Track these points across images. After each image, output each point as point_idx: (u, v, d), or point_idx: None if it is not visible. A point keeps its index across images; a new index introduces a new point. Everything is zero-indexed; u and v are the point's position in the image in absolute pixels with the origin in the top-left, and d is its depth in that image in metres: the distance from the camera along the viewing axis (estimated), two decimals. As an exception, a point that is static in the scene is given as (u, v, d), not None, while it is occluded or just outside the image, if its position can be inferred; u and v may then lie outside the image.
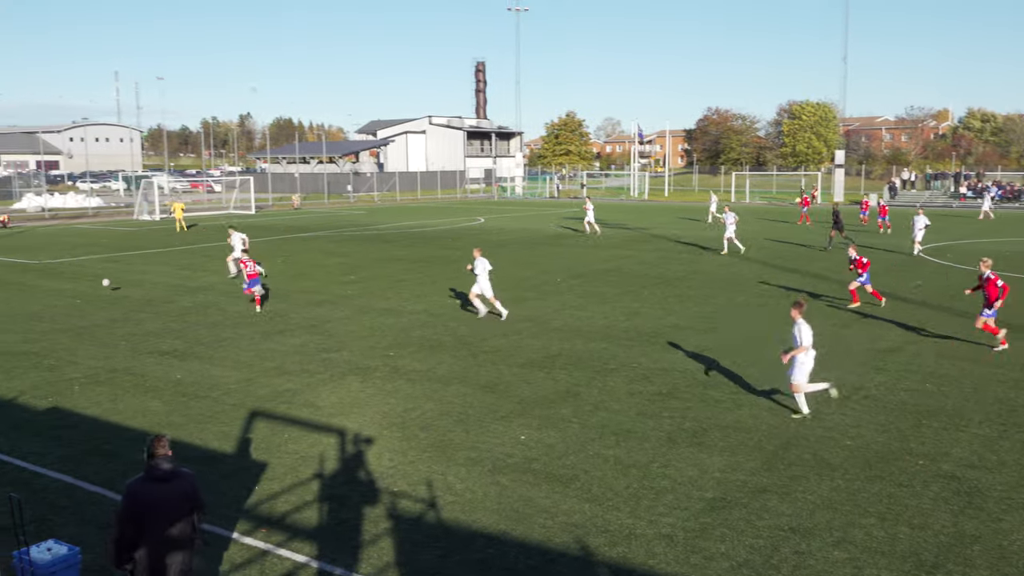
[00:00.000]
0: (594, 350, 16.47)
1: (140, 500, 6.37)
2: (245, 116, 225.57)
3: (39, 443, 11.53)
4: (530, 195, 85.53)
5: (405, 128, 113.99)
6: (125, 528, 6.36)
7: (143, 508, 6.35)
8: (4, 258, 32.37)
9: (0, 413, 12.86)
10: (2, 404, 13.33)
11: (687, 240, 37.72)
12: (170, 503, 6.43)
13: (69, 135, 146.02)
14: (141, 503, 6.36)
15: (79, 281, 25.96)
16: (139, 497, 6.38)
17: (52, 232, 44.12)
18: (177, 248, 35.58)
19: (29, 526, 8.14)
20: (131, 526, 6.34)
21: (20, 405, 13.28)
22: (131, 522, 6.34)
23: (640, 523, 8.93)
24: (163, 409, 12.99)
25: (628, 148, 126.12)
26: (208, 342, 17.41)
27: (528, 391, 13.78)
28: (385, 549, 8.48)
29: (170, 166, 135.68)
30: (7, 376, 14.90)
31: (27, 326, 19.19)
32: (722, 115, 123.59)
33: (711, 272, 27.37)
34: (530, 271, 27.73)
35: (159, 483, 6.44)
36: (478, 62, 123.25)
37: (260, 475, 10.37)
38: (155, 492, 6.40)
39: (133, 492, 6.41)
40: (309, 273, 27.45)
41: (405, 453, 11.07)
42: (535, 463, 10.66)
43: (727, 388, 13.85)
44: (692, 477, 10.13)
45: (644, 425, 12.04)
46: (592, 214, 40.79)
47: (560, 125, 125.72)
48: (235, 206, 61.05)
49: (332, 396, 13.60)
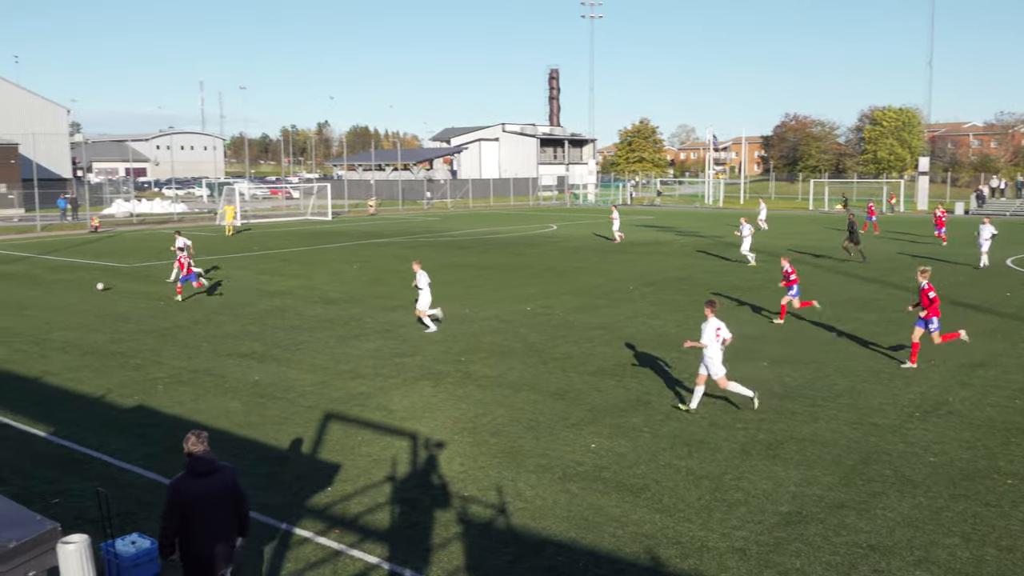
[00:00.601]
0: (666, 358, 16.29)
1: (185, 496, 6.61)
2: (323, 124, 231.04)
3: (125, 440, 11.96)
4: (603, 202, 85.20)
5: (479, 135, 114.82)
6: (170, 523, 6.63)
7: (188, 503, 6.60)
8: (95, 261, 33.73)
9: (89, 410, 13.40)
10: (91, 401, 13.88)
11: (761, 249, 37.03)
12: (213, 496, 6.69)
13: (156, 143, 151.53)
14: (186, 499, 6.61)
15: (164, 284, 26.86)
16: (184, 493, 6.62)
17: (139, 236, 45.80)
18: (256, 253, 36.52)
19: (115, 519, 8.44)
20: (176, 521, 6.60)
21: (108, 403, 13.80)
22: (176, 517, 6.60)
23: (712, 535, 8.79)
24: (242, 409, 13.34)
25: (703, 155, 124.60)
26: (285, 345, 17.81)
27: (599, 399, 13.71)
28: (455, 553, 8.53)
29: (251, 173, 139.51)
30: (96, 374, 15.51)
31: (115, 327, 19.95)
32: (800, 121, 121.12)
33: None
34: (602, 278, 27.61)
35: (202, 478, 6.69)
36: (552, 69, 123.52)
37: (334, 476, 10.55)
38: (199, 487, 6.65)
39: (178, 489, 6.65)
40: (384, 279, 27.85)
41: (475, 458, 11.12)
42: (605, 471, 10.59)
43: (803, 400, 13.54)
44: (766, 490, 9.92)
45: (716, 436, 11.85)
46: (618, 223, 40.94)
47: (633, 132, 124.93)
48: (312, 212, 62.37)
49: (404, 400, 13.77)
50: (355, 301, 23.27)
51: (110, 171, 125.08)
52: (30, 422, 12.74)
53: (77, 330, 19.56)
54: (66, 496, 10.01)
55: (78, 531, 5.40)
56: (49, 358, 16.81)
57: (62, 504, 9.74)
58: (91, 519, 9.08)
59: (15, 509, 3.88)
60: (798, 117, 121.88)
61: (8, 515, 3.81)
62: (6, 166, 61.47)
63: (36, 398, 14.04)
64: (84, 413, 13.22)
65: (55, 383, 14.98)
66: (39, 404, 13.68)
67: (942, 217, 38.84)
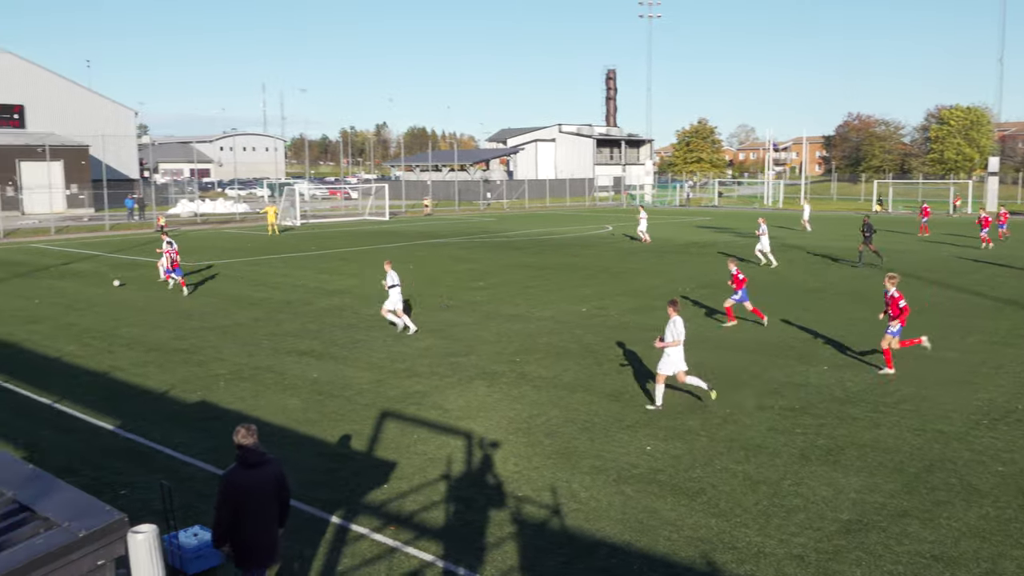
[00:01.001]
0: (723, 362, 16.10)
1: (237, 486, 6.81)
2: (381, 125, 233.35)
3: (187, 434, 12.26)
4: (659, 203, 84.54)
5: (535, 136, 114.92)
6: (224, 513, 6.83)
7: (240, 494, 6.79)
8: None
9: (154, 405, 13.77)
10: (156, 396, 14.26)
11: (818, 251, 36.36)
12: (263, 487, 6.88)
13: (220, 144, 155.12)
14: (239, 489, 6.80)
15: (226, 282, 27.47)
16: (237, 484, 6.82)
17: (203, 236, 46.88)
18: (315, 252, 37.10)
19: (178, 512, 8.65)
20: (230, 511, 6.80)
21: (171, 398, 14.16)
22: (230, 507, 6.80)
23: (770, 541, 8.66)
24: (300, 406, 13.56)
25: (762, 155, 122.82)
26: (343, 343, 18.06)
27: (654, 401, 13.60)
28: (509, 553, 8.56)
29: (310, 174, 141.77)
30: (160, 370, 15.93)
31: (179, 323, 20.46)
32: (864, 121, 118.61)
33: (843, 284, 26.28)
34: (658, 280, 27.40)
35: (252, 469, 6.88)
36: (609, 69, 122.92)
37: (389, 474, 10.67)
38: (250, 478, 6.85)
39: (231, 480, 6.85)
40: (439, 279, 28.04)
41: (530, 459, 11.13)
42: (661, 474, 10.51)
43: (865, 405, 13.25)
44: (826, 497, 9.74)
45: (775, 441, 11.67)
46: (645, 223, 41.02)
47: (691, 132, 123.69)
48: (370, 212, 63.12)
49: (460, 399, 13.85)
50: (411, 300, 23.46)
51: (175, 172, 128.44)
52: (99, 416, 13.14)
53: (142, 327, 20.12)
54: (132, 488, 10.30)
55: (142, 522, 5.56)
56: (116, 353, 17.32)
57: (128, 496, 10.02)
58: (155, 511, 9.32)
59: (85, 499, 4.01)
60: (861, 116, 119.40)
61: (78, 505, 3.94)
62: (77, 167, 63.48)
63: (104, 392, 14.48)
64: (149, 407, 13.59)
65: (122, 378, 15.42)
66: (107, 398, 14.10)
67: (988, 219, 37.79)
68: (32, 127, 65.25)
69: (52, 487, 4.18)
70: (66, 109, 67.29)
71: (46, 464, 10.59)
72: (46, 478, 4.30)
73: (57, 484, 4.22)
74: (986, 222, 37.23)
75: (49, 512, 3.91)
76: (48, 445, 11.85)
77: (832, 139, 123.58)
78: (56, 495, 4.08)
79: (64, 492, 4.12)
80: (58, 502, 3.99)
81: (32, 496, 4.09)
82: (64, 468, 10.76)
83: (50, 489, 4.16)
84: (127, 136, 72.39)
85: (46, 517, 3.89)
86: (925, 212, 44.63)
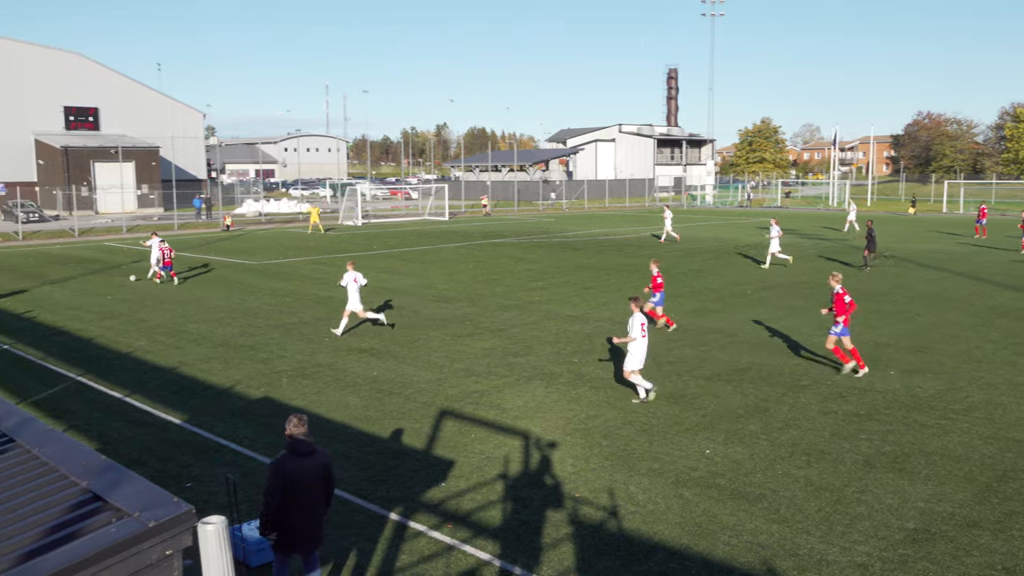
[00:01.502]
0: (785, 365, 15.83)
1: (285, 474, 7.01)
2: (442, 126, 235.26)
3: (252, 429, 12.53)
4: (720, 204, 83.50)
5: (595, 136, 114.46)
6: (274, 499, 7.01)
7: (288, 480, 6.99)
8: (228, 259, 35.44)
9: (220, 400, 14.10)
10: (222, 392, 14.60)
11: (889, 253, 35.46)
12: (310, 476, 7.07)
13: (284, 145, 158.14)
14: (287, 476, 7.00)
15: (290, 281, 27.98)
16: (284, 471, 7.01)
17: (267, 235, 47.82)
18: (376, 252, 37.55)
19: (242, 505, 8.85)
20: (278, 497, 7.00)
21: (237, 393, 14.48)
22: (278, 494, 6.99)
23: (832, 549, 8.48)
24: (360, 404, 13.74)
25: (827, 155, 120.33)
26: (403, 342, 18.24)
27: (714, 404, 13.45)
28: (565, 553, 8.55)
29: (372, 174, 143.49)
30: (226, 366, 16.30)
31: (245, 321, 20.91)
32: (934, 119, 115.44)
33: (916, 287, 25.58)
34: (720, 281, 27.06)
35: (302, 458, 7.07)
36: (670, 69, 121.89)
37: (447, 472, 10.74)
38: (298, 466, 7.04)
39: (280, 467, 7.05)
40: (498, 279, 28.13)
41: (587, 460, 11.10)
42: (720, 478, 10.38)
43: (934, 412, 12.89)
44: (892, 505, 9.50)
45: (838, 446, 11.43)
46: (671, 222, 41.09)
47: (754, 132, 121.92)
48: (430, 212, 63.63)
49: (517, 399, 13.87)
50: (470, 300, 23.61)
51: (241, 172, 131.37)
52: (167, 410, 13.51)
53: (209, 323, 20.61)
54: (197, 480, 10.56)
55: (207, 514, 5.72)
56: (184, 349, 17.78)
57: (193, 488, 10.28)
58: (218, 503, 9.56)
59: (154, 490, 4.13)
60: (931, 115, 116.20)
61: (148, 496, 4.06)
62: (148, 168, 65.36)
63: (172, 387, 14.88)
64: (215, 402, 13.93)
65: (189, 373, 15.83)
66: (175, 393, 14.49)
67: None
68: (106, 129, 67.40)
69: (124, 478, 4.31)
70: (138, 111, 69.37)
71: (117, 456, 10.94)
72: (118, 469, 4.43)
73: (128, 475, 4.35)
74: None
75: (121, 502, 4.04)
76: (119, 437, 12.23)
77: (900, 138, 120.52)
78: (127, 486, 4.21)
79: (135, 483, 4.24)
80: (129, 493, 4.12)
81: (105, 486, 4.23)
82: (134, 460, 11.10)
83: (121, 480, 4.29)
84: (195, 138, 74.23)
85: (118, 507, 4.02)
86: (983, 213, 43.32)
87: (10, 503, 4.20)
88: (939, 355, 16.55)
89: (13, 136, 62.81)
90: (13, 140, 62.84)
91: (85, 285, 27.59)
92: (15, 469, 4.62)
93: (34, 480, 4.46)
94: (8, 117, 62.51)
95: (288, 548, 7.21)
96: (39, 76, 64.14)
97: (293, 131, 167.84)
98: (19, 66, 63.36)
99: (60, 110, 65.44)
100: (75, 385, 15.10)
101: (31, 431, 5.10)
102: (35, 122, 64.20)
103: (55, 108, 65.18)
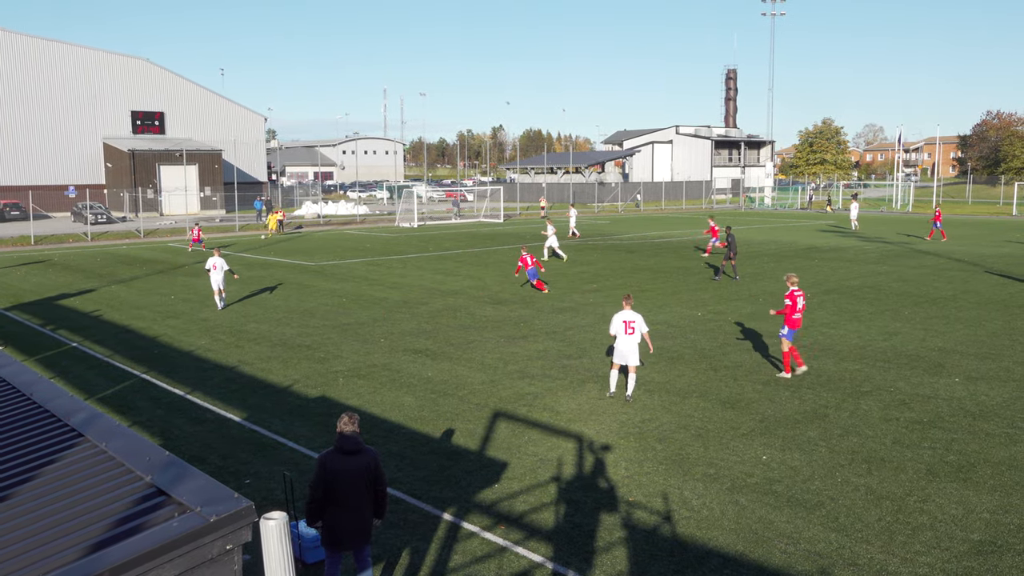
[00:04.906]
0: (845, 370, 15.52)
1: (329, 469, 7.18)
2: (497, 128, 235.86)
3: (309, 427, 12.73)
4: (779, 206, 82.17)
5: (651, 138, 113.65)
6: (316, 492, 7.22)
7: (331, 476, 7.15)
8: (287, 260, 36.06)
9: (278, 399, 14.35)
10: (279, 390, 14.86)
11: (957, 256, 34.52)
12: (354, 474, 7.19)
13: (342, 148, 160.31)
14: (330, 471, 7.17)
15: (347, 282, 28.35)
16: (329, 466, 7.19)
17: (325, 236, 48.50)
18: (432, 253, 37.82)
19: (299, 502, 9.00)
20: (321, 491, 7.18)
21: (294, 392, 14.73)
22: (321, 487, 7.18)
23: (893, 560, 8.29)
24: (415, 404, 13.86)
25: (891, 156, 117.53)
26: (457, 343, 18.35)
27: (771, 409, 13.24)
28: (618, 557, 8.50)
29: (428, 176, 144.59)
30: (285, 365, 16.59)
31: (303, 321, 21.25)
32: (1004, 119, 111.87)
33: (985, 292, 24.84)
34: (778, 285, 26.61)
35: (346, 455, 7.22)
36: (729, 69, 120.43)
37: (501, 474, 10.77)
38: (342, 463, 7.20)
39: (324, 462, 7.24)
40: (553, 281, 28.09)
41: (641, 464, 11.03)
42: (777, 485, 10.22)
43: (1002, 420, 12.51)
44: (956, 515, 9.25)
45: (900, 454, 11.16)
46: (555, 239, 34.65)
47: (815, 133, 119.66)
48: (485, 214, 63.85)
49: (571, 402, 13.85)
50: (524, 302, 23.63)
51: (300, 175, 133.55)
52: (226, 407, 13.81)
53: (268, 323, 21.00)
54: (256, 477, 10.77)
55: (265, 511, 5.83)
56: (244, 348, 18.14)
57: (252, 484, 10.48)
58: (275, 500, 9.73)
59: (215, 486, 4.23)
60: (1001, 114, 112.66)
61: (209, 491, 4.16)
62: (211, 171, 66.87)
63: (232, 385, 15.19)
64: (273, 401, 14.18)
65: (248, 372, 16.15)
66: (235, 391, 14.79)
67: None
68: (171, 133, 69.17)
69: (185, 473, 4.42)
70: (201, 115, 71.08)
71: (179, 451, 11.22)
72: (180, 464, 4.54)
73: (190, 471, 4.46)
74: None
75: (183, 497, 4.14)
76: (181, 433, 12.53)
77: (968, 139, 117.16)
78: (189, 481, 4.31)
79: (196, 479, 4.34)
80: (191, 488, 4.22)
81: (168, 481, 4.34)
82: (195, 456, 11.37)
83: (184, 475, 4.40)
84: (257, 141, 75.69)
85: (180, 502, 4.13)
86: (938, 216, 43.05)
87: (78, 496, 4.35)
88: (1007, 362, 16.05)
89: (83, 140, 64.90)
90: (83, 144, 64.94)
91: (149, 285, 28.33)
92: (83, 463, 4.77)
93: (101, 474, 4.60)
94: (79, 122, 64.62)
95: (336, 545, 7.35)
96: (108, 82, 66.14)
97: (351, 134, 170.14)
98: (90, 72, 65.38)
99: (128, 114, 67.34)
100: (139, 382, 15.52)
101: (98, 426, 5.26)
102: (104, 126, 66.20)
103: (123, 113, 67.11)
